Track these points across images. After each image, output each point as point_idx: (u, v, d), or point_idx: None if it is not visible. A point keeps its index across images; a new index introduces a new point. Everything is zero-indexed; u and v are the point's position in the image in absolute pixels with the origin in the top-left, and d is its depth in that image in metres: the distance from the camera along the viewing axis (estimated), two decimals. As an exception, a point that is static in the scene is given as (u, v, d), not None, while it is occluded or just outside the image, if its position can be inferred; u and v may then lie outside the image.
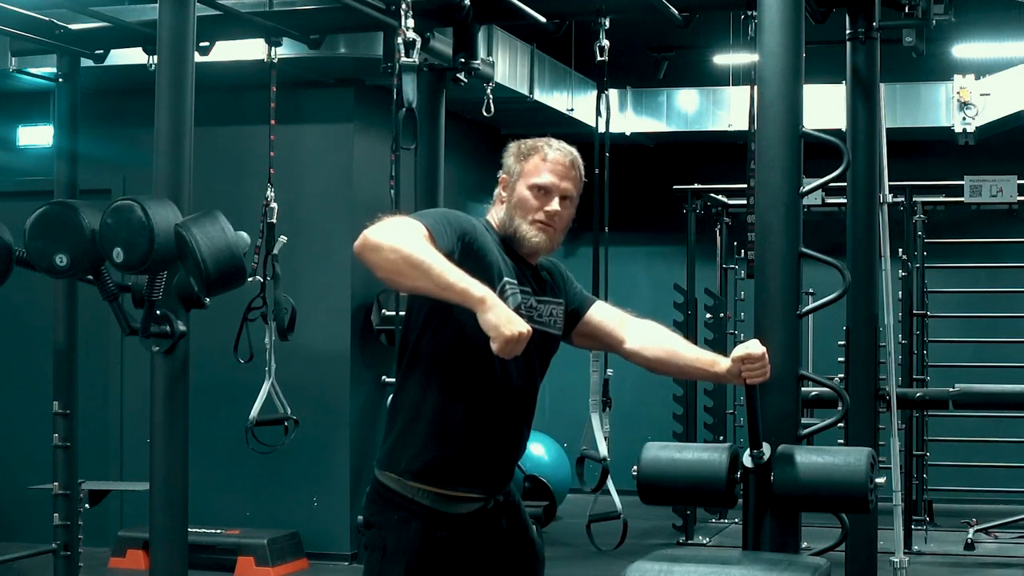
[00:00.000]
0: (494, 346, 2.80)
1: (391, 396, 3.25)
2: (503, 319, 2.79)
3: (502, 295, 3.03)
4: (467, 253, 3.00)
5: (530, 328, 2.84)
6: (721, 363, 3.28)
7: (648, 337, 3.33)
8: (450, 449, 3.10)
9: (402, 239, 2.85)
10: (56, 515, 6.17)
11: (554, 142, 3.22)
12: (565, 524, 9.22)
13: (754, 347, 3.23)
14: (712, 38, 8.94)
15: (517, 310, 3.00)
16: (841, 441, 5.86)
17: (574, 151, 3.24)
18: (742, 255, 9.36)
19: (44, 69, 6.89)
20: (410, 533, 3.10)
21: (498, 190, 3.25)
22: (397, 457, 3.14)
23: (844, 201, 5.87)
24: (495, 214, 3.24)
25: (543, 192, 3.16)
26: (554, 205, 3.16)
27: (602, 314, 3.37)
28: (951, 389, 6.48)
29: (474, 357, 3.06)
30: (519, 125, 10.00)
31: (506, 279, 3.09)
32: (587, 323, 3.35)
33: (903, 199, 8.82)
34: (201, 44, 5.67)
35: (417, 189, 6.07)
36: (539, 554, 3.34)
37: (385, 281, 2.92)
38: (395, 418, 3.18)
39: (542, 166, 3.17)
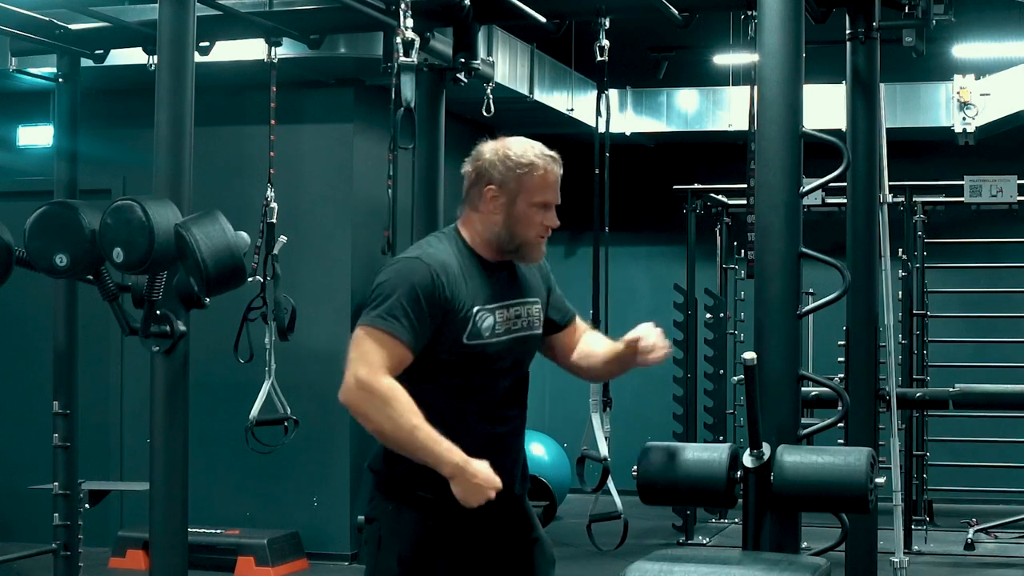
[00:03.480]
0: (464, 504, 2.99)
1: None
2: (470, 491, 2.97)
3: (476, 325, 3.09)
4: (439, 313, 3.06)
5: (499, 484, 2.98)
6: (618, 346, 3.28)
7: (580, 348, 3.37)
8: None
9: (378, 415, 2.98)
10: (56, 515, 6.17)
11: (538, 148, 3.19)
12: (565, 524, 9.23)
13: (649, 334, 3.20)
14: (712, 38, 8.93)
15: (492, 332, 3.11)
16: (841, 441, 5.86)
17: (558, 157, 3.23)
18: (742, 255, 9.36)
19: (44, 69, 6.89)
20: (404, 522, 3.12)
21: (485, 199, 3.18)
22: (388, 467, 3.16)
23: (844, 201, 5.86)
24: (473, 224, 3.21)
25: (545, 208, 3.18)
26: (553, 219, 3.20)
27: (574, 336, 3.39)
28: (951, 389, 6.48)
29: (467, 372, 3.09)
30: (519, 125, 9.96)
31: (476, 308, 3.11)
32: (560, 339, 3.37)
33: (903, 199, 8.82)
34: (201, 44, 5.67)
35: (416, 189, 6.07)
36: (548, 555, 3.33)
37: None
38: None
39: (544, 184, 3.17)
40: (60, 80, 6.26)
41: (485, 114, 6.48)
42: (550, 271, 3.39)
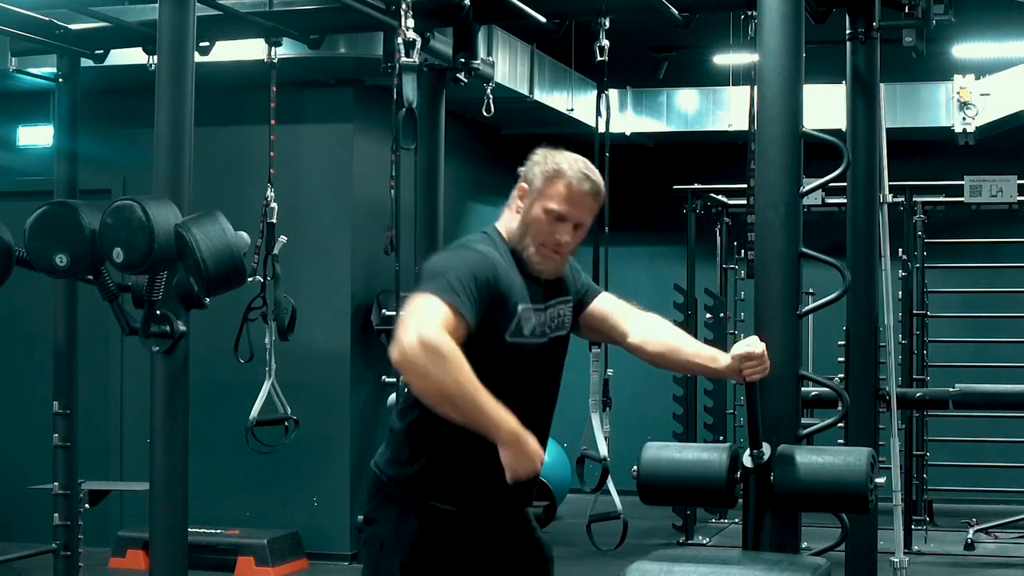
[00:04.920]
0: (507, 476, 2.92)
1: (400, 405, 3.21)
2: (520, 459, 2.91)
3: (519, 324, 3.07)
4: (492, 301, 3.00)
5: (543, 456, 2.97)
6: (720, 359, 3.30)
7: (650, 332, 3.32)
8: (464, 468, 3.08)
9: (438, 364, 2.82)
10: (56, 515, 6.17)
11: (580, 165, 3.14)
12: (565, 524, 9.23)
13: (754, 344, 3.25)
14: (712, 38, 8.93)
15: (532, 333, 3.09)
16: (841, 441, 5.86)
17: (598, 180, 3.16)
18: (742, 255, 9.36)
19: (44, 69, 6.89)
20: (407, 527, 3.10)
21: (515, 197, 3.17)
22: (404, 468, 3.14)
23: (844, 201, 5.87)
24: (507, 222, 3.19)
25: (557, 219, 3.11)
26: (565, 236, 3.13)
27: (606, 306, 3.36)
28: (951, 389, 6.48)
29: (495, 374, 3.03)
30: (519, 125, 10.01)
31: (521, 308, 3.08)
32: (591, 315, 3.35)
33: (903, 199, 8.83)
34: (201, 44, 5.67)
35: (417, 189, 6.07)
36: (547, 555, 3.33)
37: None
38: (405, 430, 3.15)
39: (563, 194, 3.10)
40: (60, 80, 6.26)
41: (485, 114, 6.49)
42: (571, 259, 3.35)
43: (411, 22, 5.10)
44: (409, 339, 2.83)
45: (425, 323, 2.86)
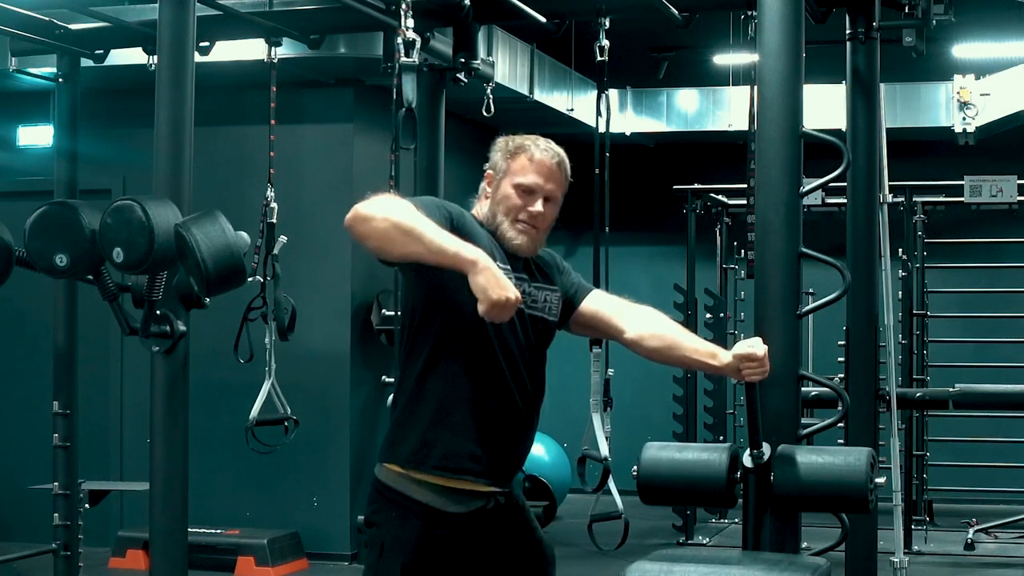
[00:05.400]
0: (480, 308, 2.83)
1: (392, 394, 3.25)
2: (492, 283, 2.82)
3: None
4: (455, 233, 3.00)
5: (519, 295, 2.87)
6: (720, 356, 3.28)
7: (647, 326, 3.30)
8: (453, 434, 3.08)
9: (392, 209, 2.90)
10: (56, 515, 6.17)
11: (542, 141, 3.22)
12: (565, 524, 9.23)
13: (757, 346, 3.24)
14: (712, 38, 8.93)
15: None
16: (841, 441, 5.86)
17: (561, 152, 3.23)
18: (742, 255, 9.36)
19: (44, 69, 6.89)
20: (408, 531, 3.10)
21: (483, 185, 3.26)
22: (399, 447, 3.13)
23: (844, 201, 5.87)
24: (480, 209, 3.25)
25: (527, 192, 3.17)
26: (537, 207, 3.17)
27: (599, 303, 3.36)
28: (951, 389, 6.48)
29: (474, 342, 3.07)
30: (519, 125, 9.94)
31: (499, 264, 3.09)
32: (584, 312, 3.35)
33: (903, 199, 8.83)
34: (201, 44, 5.67)
35: (417, 189, 6.07)
36: (548, 555, 3.32)
37: (376, 251, 2.94)
38: (396, 409, 3.18)
39: (528, 166, 3.17)
40: (60, 80, 6.26)
41: (485, 114, 6.48)
42: (560, 258, 3.39)
43: (411, 22, 5.09)
44: (361, 202, 2.91)
45: (383, 196, 2.96)
